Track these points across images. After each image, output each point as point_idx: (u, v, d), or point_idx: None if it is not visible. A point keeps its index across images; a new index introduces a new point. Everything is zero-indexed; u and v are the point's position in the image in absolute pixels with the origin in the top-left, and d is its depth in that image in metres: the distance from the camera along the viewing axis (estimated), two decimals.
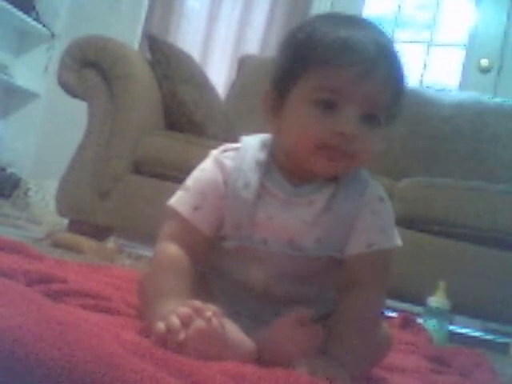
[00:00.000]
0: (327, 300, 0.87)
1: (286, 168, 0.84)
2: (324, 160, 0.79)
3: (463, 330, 2.49)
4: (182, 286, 0.79)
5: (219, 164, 0.85)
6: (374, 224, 0.84)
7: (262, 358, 0.76)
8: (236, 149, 0.87)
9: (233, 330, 0.74)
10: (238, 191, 0.83)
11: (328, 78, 0.78)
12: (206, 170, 0.87)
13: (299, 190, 0.83)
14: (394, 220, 0.87)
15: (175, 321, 0.69)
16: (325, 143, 0.78)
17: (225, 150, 0.87)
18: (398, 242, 0.86)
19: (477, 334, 2.53)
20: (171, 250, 0.83)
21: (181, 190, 0.86)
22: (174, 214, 0.85)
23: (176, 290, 0.79)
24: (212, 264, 0.88)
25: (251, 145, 0.87)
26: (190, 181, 0.87)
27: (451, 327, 1.91)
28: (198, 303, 0.71)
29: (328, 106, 0.78)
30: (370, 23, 0.84)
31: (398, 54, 0.82)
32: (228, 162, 0.85)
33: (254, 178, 0.83)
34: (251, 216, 0.83)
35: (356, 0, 3.58)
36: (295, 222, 0.83)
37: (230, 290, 0.86)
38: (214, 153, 0.88)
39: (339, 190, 0.84)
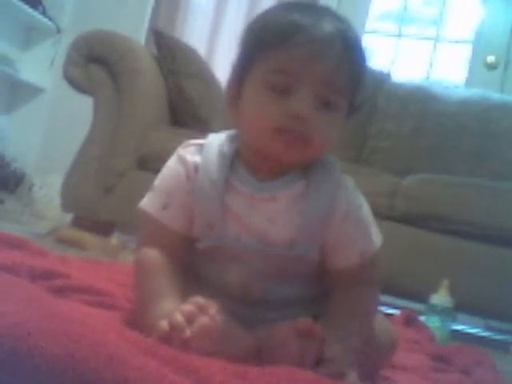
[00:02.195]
0: (310, 302, 0.85)
1: (252, 163, 0.83)
2: (280, 144, 0.77)
3: (465, 328, 2.49)
4: (173, 286, 0.79)
5: (181, 159, 0.85)
6: (360, 232, 0.84)
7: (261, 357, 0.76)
8: (200, 144, 0.86)
9: (233, 326, 0.74)
10: (205, 190, 0.82)
11: (281, 59, 0.77)
12: (168, 167, 0.86)
13: (263, 186, 0.82)
14: (372, 216, 0.86)
15: (180, 318, 0.69)
16: (279, 126, 0.77)
17: (187, 146, 0.87)
18: (380, 237, 0.86)
19: (479, 332, 2.52)
20: (152, 254, 0.82)
21: (149, 191, 0.86)
22: (145, 216, 0.84)
23: (169, 289, 0.78)
24: (191, 267, 0.86)
25: (216, 140, 0.86)
26: (156, 181, 0.86)
27: (454, 325, 1.91)
28: (200, 300, 0.71)
29: (282, 90, 0.77)
30: (328, 9, 0.83)
31: (358, 39, 0.81)
32: (190, 157, 0.84)
33: (219, 175, 0.82)
34: (220, 214, 0.81)
35: None
36: (260, 219, 0.81)
37: (211, 293, 0.83)
38: (178, 150, 0.87)
39: (309, 190, 0.82)
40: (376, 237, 0.85)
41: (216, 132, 0.89)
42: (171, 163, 0.86)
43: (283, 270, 0.83)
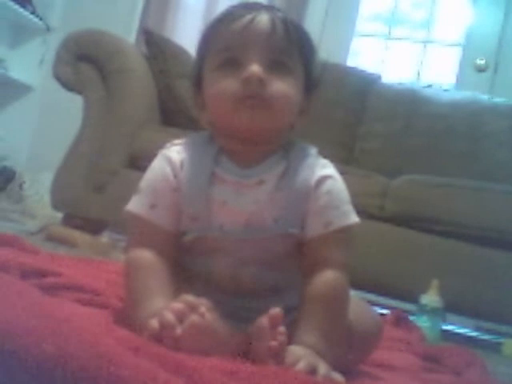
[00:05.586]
0: (298, 289, 0.85)
1: (234, 153, 0.85)
2: (245, 111, 0.80)
3: (456, 329, 2.50)
4: (164, 285, 0.79)
5: (167, 158, 0.86)
6: (329, 203, 0.84)
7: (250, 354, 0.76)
8: (183, 143, 0.88)
9: (223, 324, 0.74)
10: (190, 183, 0.83)
11: (223, 38, 0.83)
12: (154, 167, 0.87)
13: (249, 172, 0.84)
14: (348, 197, 0.87)
15: (170, 317, 0.68)
16: (238, 94, 0.80)
17: (171, 145, 0.88)
18: (355, 218, 0.86)
19: (469, 332, 2.53)
20: (142, 254, 0.82)
21: (135, 194, 0.86)
22: (133, 218, 0.84)
23: (159, 288, 0.79)
24: (182, 264, 0.87)
25: (198, 137, 0.88)
26: (142, 183, 0.87)
27: (444, 325, 1.91)
28: (190, 298, 0.71)
29: (232, 65, 0.82)
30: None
31: (293, 19, 0.88)
32: (175, 156, 0.86)
33: (203, 168, 0.84)
34: (205, 205, 0.82)
35: None
36: (248, 203, 0.82)
37: (201, 288, 0.84)
38: (161, 151, 0.88)
39: (290, 169, 0.84)
40: (348, 214, 0.86)
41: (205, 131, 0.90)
42: (156, 164, 0.87)
43: (268, 253, 0.84)
